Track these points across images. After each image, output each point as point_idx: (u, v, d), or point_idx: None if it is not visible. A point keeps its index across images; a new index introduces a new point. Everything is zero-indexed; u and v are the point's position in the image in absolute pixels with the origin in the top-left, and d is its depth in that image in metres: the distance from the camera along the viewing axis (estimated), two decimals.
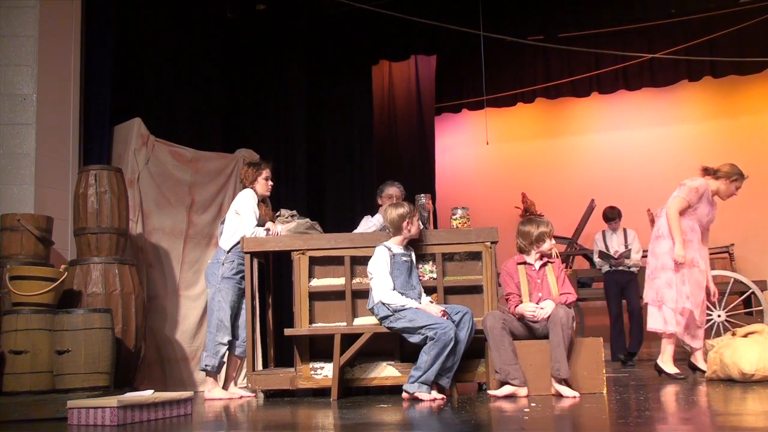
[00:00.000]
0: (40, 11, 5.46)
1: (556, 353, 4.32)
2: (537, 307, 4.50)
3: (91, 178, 5.16)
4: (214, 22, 7.54)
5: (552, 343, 4.36)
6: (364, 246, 4.91)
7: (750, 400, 3.76)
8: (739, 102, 9.73)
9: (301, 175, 8.02)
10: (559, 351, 4.31)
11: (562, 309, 4.41)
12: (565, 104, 10.27)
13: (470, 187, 10.27)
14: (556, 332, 4.34)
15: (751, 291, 7.32)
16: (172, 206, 6.24)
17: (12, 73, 5.38)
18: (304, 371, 4.89)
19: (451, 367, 4.49)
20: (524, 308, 4.54)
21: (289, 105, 8.18)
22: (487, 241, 4.93)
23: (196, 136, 6.89)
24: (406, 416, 3.71)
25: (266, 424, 3.70)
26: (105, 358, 4.44)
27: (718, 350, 4.77)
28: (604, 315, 7.77)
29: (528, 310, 4.52)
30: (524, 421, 3.26)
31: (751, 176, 5.57)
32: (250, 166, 5.43)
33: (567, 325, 4.34)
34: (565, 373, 4.30)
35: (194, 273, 6.28)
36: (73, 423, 3.68)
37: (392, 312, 4.55)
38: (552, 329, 4.37)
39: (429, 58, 9.68)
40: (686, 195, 5.27)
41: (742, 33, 8.56)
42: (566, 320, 4.35)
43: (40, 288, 4.55)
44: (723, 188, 5.36)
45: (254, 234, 5.07)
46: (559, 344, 4.32)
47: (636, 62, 9.09)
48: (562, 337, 4.32)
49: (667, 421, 3.07)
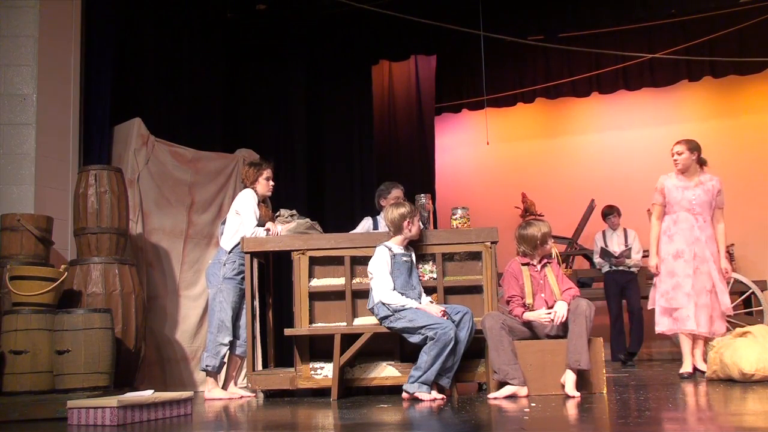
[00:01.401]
0: (40, 11, 5.46)
1: (577, 344, 4.30)
2: (552, 311, 4.48)
3: (91, 178, 5.16)
4: (214, 22, 7.54)
5: (573, 334, 4.33)
6: (364, 246, 4.91)
7: (750, 400, 3.76)
8: (739, 102, 9.73)
9: (301, 175, 8.02)
10: (581, 342, 4.30)
11: (584, 301, 4.42)
12: (565, 104, 10.27)
13: (470, 187, 10.27)
14: (580, 323, 4.33)
15: (751, 291, 7.32)
16: (172, 206, 6.24)
17: (12, 73, 5.38)
18: (304, 371, 4.89)
19: (451, 367, 4.49)
20: (538, 315, 4.51)
21: (289, 105, 8.18)
22: (487, 241, 4.93)
23: (196, 136, 6.89)
24: (406, 416, 3.71)
25: (266, 424, 3.70)
26: (105, 358, 4.44)
27: (718, 350, 4.77)
28: (604, 315, 7.77)
29: (543, 316, 4.49)
30: (524, 421, 3.26)
31: (751, 176, 5.59)
32: (251, 166, 5.43)
33: (590, 317, 4.35)
34: (585, 364, 4.28)
35: (194, 273, 6.28)
36: (73, 423, 3.68)
37: (392, 312, 4.55)
38: (575, 320, 4.35)
39: (429, 58, 9.67)
40: (653, 200, 5.49)
41: (742, 33, 8.57)
42: (589, 312, 4.36)
43: (40, 288, 4.55)
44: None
45: (254, 234, 5.07)
46: (581, 335, 4.31)
47: (636, 62, 9.10)
48: (585, 328, 4.32)
49: (667, 422, 3.07)
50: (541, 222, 4.82)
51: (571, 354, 4.31)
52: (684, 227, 5.34)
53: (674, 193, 5.41)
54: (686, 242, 5.30)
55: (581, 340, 4.31)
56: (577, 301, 4.44)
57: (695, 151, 5.40)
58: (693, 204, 5.35)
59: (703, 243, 5.27)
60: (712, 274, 5.24)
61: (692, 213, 5.35)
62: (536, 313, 4.53)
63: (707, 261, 5.25)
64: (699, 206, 5.35)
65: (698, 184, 5.39)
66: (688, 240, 5.30)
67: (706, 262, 5.25)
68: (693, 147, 5.41)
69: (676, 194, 5.40)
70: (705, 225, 5.34)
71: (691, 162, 5.40)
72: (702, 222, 5.34)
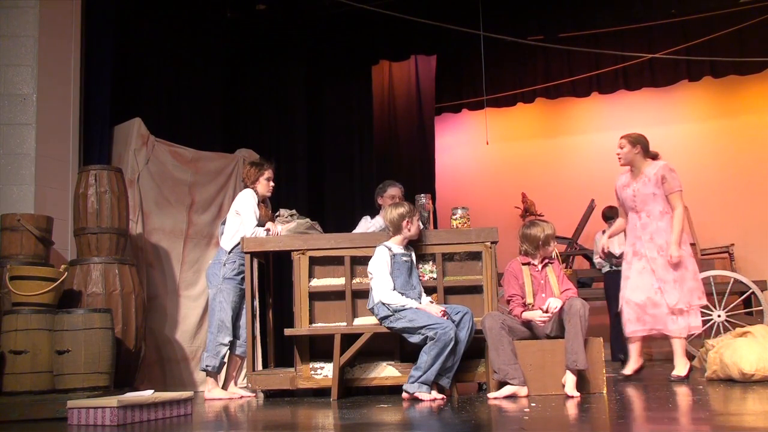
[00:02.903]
0: (40, 11, 5.46)
1: (573, 345, 4.30)
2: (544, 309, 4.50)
3: (91, 178, 5.16)
4: (214, 22, 7.54)
5: (569, 335, 4.33)
6: (364, 246, 4.91)
7: (750, 400, 3.76)
8: (739, 102, 9.72)
9: (301, 175, 8.02)
10: (577, 342, 4.30)
11: (579, 301, 4.40)
12: (565, 104, 10.26)
13: (470, 187, 10.27)
14: (574, 324, 4.32)
15: (751, 291, 7.31)
16: (172, 206, 6.24)
17: (12, 73, 5.38)
18: (304, 371, 4.89)
19: (451, 367, 4.49)
20: (533, 315, 4.54)
21: (289, 105, 8.18)
22: (487, 241, 4.93)
23: (196, 136, 6.90)
24: (406, 416, 3.71)
25: (266, 424, 3.70)
26: (105, 358, 4.44)
27: (718, 350, 4.76)
28: (604, 315, 7.77)
29: (537, 316, 4.52)
30: (524, 421, 3.26)
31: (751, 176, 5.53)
32: (252, 166, 5.43)
33: (585, 317, 4.34)
34: (582, 364, 4.28)
35: (194, 273, 6.28)
36: (73, 423, 3.68)
37: (392, 312, 4.55)
38: (569, 321, 4.34)
39: (429, 58, 9.67)
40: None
41: (742, 33, 8.56)
42: (583, 312, 4.35)
43: (40, 288, 4.55)
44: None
45: (254, 234, 5.07)
46: (577, 335, 4.31)
47: (636, 62, 9.09)
48: (580, 328, 4.31)
49: (667, 422, 3.07)
50: (545, 223, 4.81)
51: (568, 355, 4.32)
52: (629, 228, 5.26)
53: (621, 193, 5.30)
54: (630, 243, 5.21)
55: (577, 340, 4.31)
56: (571, 301, 4.43)
57: (637, 144, 5.18)
58: (635, 201, 5.17)
59: (646, 240, 5.09)
60: (656, 272, 5.02)
61: (635, 211, 5.20)
62: (533, 312, 4.55)
63: (653, 259, 5.04)
64: (640, 202, 5.14)
65: (639, 177, 5.18)
66: (630, 240, 5.21)
67: (650, 259, 5.05)
68: (634, 140, 5.20)
69: (622, 194, 5.29)
70: (649, 220, 5.11)
71: (633, 156, 5.18)
72: (645, 218, 5.12)
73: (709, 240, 8.65)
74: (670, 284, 4.99)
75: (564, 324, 4.39)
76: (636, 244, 5.14)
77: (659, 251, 5.04)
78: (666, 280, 5.00)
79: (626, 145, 5.21)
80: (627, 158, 5.22)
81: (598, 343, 4.50)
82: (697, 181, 9.32)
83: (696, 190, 9.27)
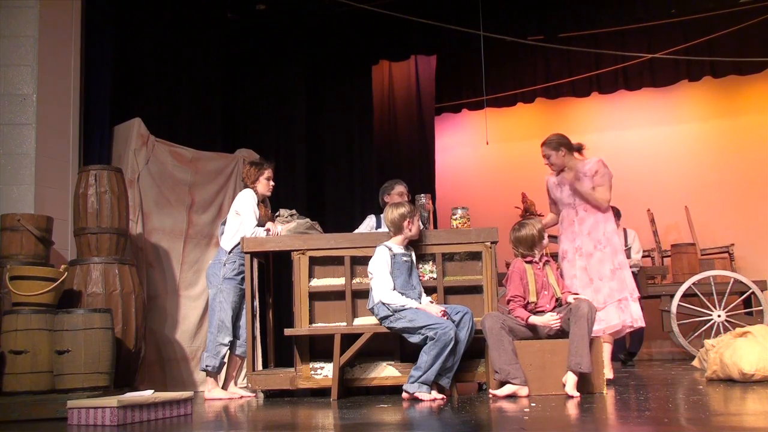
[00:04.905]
0: (40, 11, 5.46)
1: (579, 347, 4.28)
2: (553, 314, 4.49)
3: (91, 178, 5.16)
4: (213, 22, 7.54)
5: (575, 337, 4.31)
6: (364, 246, 4.91)
7: (750, 400, 3.76)
8: (739, 102, 9.72)
9: (301, 175, 8.02)
10: (583, 345, 4.28)
11: (586, 303, 4.40)
12: (565, 104, 10.26)
13: (470, 187, 10.26)
14: (581, 326, 4.30)
15: (751, 291, 7.31)
16: (172, 206, 6.24)
17: (12, 73, 5.38)
18: (304, 371, 4.89)
19: (451, 367, 4.49)
20: (545, 321, 4.47)
21: (289, 105, 8.18)
22: (487, 241, 4.93)
23: (196, 136, 6.90)
24: (406, 416, 3.71)
25: (266, 424, 3.70)
26: (105, 358, 4.44)
27: (718, 350, 4.76)
28: None
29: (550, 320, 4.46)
30: (524, 421, 3.26)
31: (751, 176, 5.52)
32: (252, 166, 5.43)
33: (591, 320, 4.34)
34: (587, 367, 4.27)
35: (194, 273, 6.28)
36: (73, 423, 3.68)
37: (392, 312, 4.55)
38: (576, 323, 4.33)
39: (429, 58, 9.67)
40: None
41: (742, 33, 8.56)
42: (591, 315, 4.34)
43: (40, 288, 4.55)
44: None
45: (254, 234, 5.07)
46: (583, 338, 4.29)
47: (636, 62, 9.09)
48: (587, 331, 4.30)
49: (667, 422, 3.07)
50: (531, 220, 4.83)
51: (572, 356, 4.30)
52: (565, 225, 5.26)
53: (555, 191, 5.31)
54: (568, 240, 5.22)
55: (583, 343, 4.29)
56: (579, 302, 4.42)
57: (560, 146, 5.25)
58: (573, 197, 5.22)
59: (585, 235, 5.13)
60: (587, 269, 5.07)
61: (572, 207, 5.23)
62: (543, 318, 4.49)
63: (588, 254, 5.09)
64: (579, 197, 5.20)
65: (574, 174, 5.21)
66: (569, 238, 5.22)
67: (587, 255, 5.10)
68: (555, 145, 5.26)
69: (556, 192, 5.30)
70: (586, 214, 5.17)
71: (562, 159, 5.26)
72: (583, 212, 5.18)
73: (709, 240, 8.65)
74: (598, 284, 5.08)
75: (570, 325, 4.38)
76: (576, 240, 5.19)
77: (596, 246, 5.12)
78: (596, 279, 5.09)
79: (550, 153, 5.31)
80: (558, 163, 5.31)
81: (599, 343, 4.49)
82: (697, 181, 9.34)
83: (696, 190, 9.29)
